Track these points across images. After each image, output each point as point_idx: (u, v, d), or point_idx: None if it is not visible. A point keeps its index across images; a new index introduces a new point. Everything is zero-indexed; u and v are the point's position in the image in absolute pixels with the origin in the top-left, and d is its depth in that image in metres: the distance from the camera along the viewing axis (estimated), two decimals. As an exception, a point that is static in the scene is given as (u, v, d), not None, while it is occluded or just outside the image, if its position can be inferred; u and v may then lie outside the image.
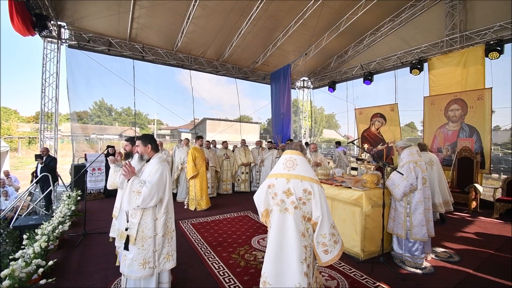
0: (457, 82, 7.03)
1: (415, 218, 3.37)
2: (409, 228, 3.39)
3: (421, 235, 3.33)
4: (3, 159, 8.15)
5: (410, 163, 3.44)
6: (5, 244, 3.31)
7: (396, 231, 3.50)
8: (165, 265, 2.41)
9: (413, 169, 3.39)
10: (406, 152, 3.56)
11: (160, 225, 2.37)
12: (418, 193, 3.39)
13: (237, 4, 7.16)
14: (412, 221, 3.38)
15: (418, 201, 3.38)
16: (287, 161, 2.12)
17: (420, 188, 3.38)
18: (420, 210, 3.36)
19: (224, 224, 5.03)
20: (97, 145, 12.73)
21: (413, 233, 3.36)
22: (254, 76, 11.33)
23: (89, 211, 4.97)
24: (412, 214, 3.39)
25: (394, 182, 3.46)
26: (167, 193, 2.44)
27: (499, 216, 5.52)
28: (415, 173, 3.38)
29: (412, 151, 3.55)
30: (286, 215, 2.00)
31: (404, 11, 8.05)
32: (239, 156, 8.04)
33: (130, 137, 3.33)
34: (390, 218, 3.59)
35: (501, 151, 12.55)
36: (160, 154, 3.11)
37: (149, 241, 2.31)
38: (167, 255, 2.43)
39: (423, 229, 3.33)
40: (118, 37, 8.03)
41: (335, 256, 1.99)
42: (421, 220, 3.35)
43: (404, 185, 3.35)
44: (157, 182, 2.29)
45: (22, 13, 5.47)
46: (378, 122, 9.13)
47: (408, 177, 3.35)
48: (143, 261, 2.29)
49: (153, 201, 2.27)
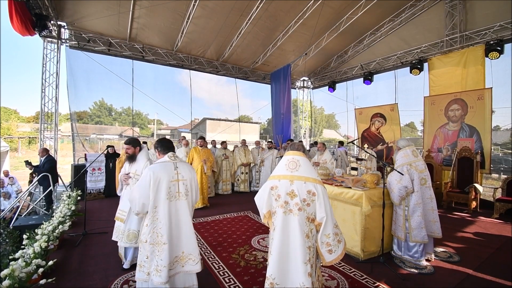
0: (457, 82, 7.03)
1: (414, 220, 3.35)
2: (408, 230, 3.38)
3: (420, 237, 3.31)
4: (3, 159, 8.15)
5: (403, 165, 3.42)
6: (5, 244, 3.31)
7: (397, 234, 3.50)
8: (154, 278, 2.16)
9: (407, 171, 3.36)
10: (400, 154, 3.54)
11: (146, 232, 2.23)
12: (415, 195, 3.35)
13: (237, 4, 7.16)
14: (410, 224, 3.36)
15: (416, 203, 3.34)
16: (290, 162, 2.11)
17: (417, 190, 3.34)
18: (418, 212, 3.33)
19: (224, 224, 5.03)
20: (97, 145, 12.74)
21: (413, 235, 3.34)
22: (254, 76, 11.33)
23: (89, 211, 4.98)
24: (410, 217, 3.37)
25: (390, 186, 3.45)
26: (152, 199, 2.20)
27: (499, 216, 5.51)
28: (410, 175, 3.35)
29: (406, 152, 3.51)
30: (290, 217, 2.00)
31: (404, 11, 8.05)
32: (239, 156, 8.03)
33: (131, 139, 3.30)
34: (393, 220, 3.59)
35: (501, 151, 12.54)
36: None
37: (142, 245, 2.28)
38: (156, 268, 2.17)
39: (422, 231, 3.31)
40: (118, 37, 8.02)
41: (339, 255, 2.01)
42: (420, 222, 3.32)
43: (398, 188, 3.33)
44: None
45: (22, 12, 5.46)
46: (378, 122, 9.13)
47: (402, 180, 3.31)
48: (140, 263, 2.29)
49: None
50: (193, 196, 2.45)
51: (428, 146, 7.43)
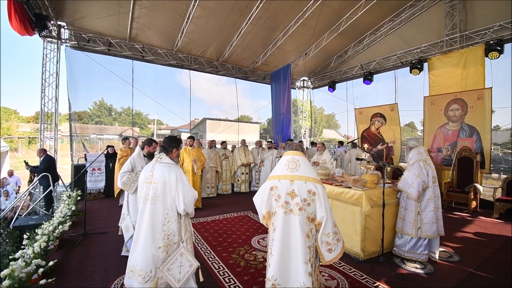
0: (457, 82, 7.02)
1: (426, 215, 3.42)
2: (419, 226, 3.42)
3: (431, 232, 3.38)
4: (3, 159, 8.15)
5: (420, 161, 3.51)
6: (5, 244, 3.30)
7: (406, 231, 3.51)
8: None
9: (423, 167, 3.46)
10: (414, 152, 3.63)
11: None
12: (429, 190, 3.45)
13: (237, 4, 7.16)
14: (422, 219, 3.42)
15: (429, 198, 3.43)
16: (290, 162, 2.11)
17: (431, 186, 3.44)
18: (430, 207, 3.41)
19: (224, 224, 5.03)
20: (97, 145, 12.73)
21: (424, 230, 3.40)
22: (254, 76, 11.33)
23: (89, 211, 4.98)
24: (422, 212, 3.44)
25: (407, 181, 3.50)
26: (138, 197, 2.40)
27: (499, 216, 5.52)
28: (426, 170, 3.44)
29: (420, 150, 3.62)
30: (291, 217, 2.00)
31: (404, 11, 8.05)
32: (239, 156, 8.03)
33: (149, 140, 3.54)
34: (400, 218, 3.62)
35: (501, 151, 12.54)
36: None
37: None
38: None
39: (433, 226, 3.38)
40: (118, 37, 8.02)
41: (338, 254, 2.02)
42: (432, 217, 3.39)
43: (417, 183, 3.40)
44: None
45: (21, 12, 5.47)
46: (378, 122, 9.13)
47: (421, 175, 3.42)
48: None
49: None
50: (166, 202, 2.23)
51: (428, 146, 7.42)
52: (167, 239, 2.20)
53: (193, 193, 2.31)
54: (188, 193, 2.26)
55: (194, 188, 4.32)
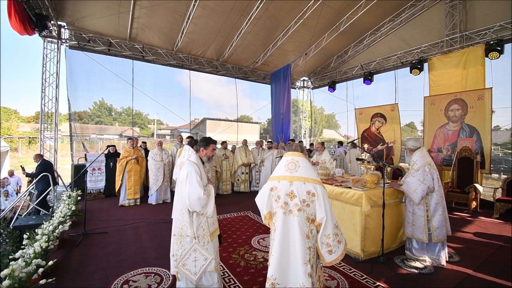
0: (457, 82, 7.02)
1: (436, 220, 3.36)
2: (430, 231, 3.37)
3: (442, 235, 3.36)
4: (3, 159, 8.15)
5: (425, 165, 3.40)
6: (5, 244, 3.30)
7: (416, 235, 3.45)
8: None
9: (429, 171, 3.37)
10: (418, 155, 3.51)
11: None
12: (436, 194, 3.37)
13: (237, 4, 7.16)
14: (433, 224, 3.36)
15: (437, 202, 3.37)
16: (289, 163, 2.11)
17: (437, 189, 3.38)
18: (439, 211, 3.37)
19: (224, 224, 5.02)
20: (97, 145, 12.74)
21: (435, 235, 3.34)
22: (254, 76, 11.32)
23: (89, 211, 4.98)
24: (432, 217, 3.37)
25: (411, 186, 3.42)
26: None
27: (499, 216, 5.51)
28: (431, 175, 3.36)
29: (423, 152, 3.52)
30: (290, 218, 2.00)
31: (404, 11, 8.05)
32: (240, 156, 8.03)
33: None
34: (408, 223, 3.54)
35: (501, 151, 12.54)
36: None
37: None
38: None
39: (443, 229, 3.36)
40: (118, 37, 8.02)
41: (339, 255, 2.00)
42: (441, 221, 3.35)
43: (422, 189, 3.34)
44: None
45: (20, 12, 5.46)
46: (378, 122, 9.13)
47: (425, 180, 3.33)
48: None
49: None
50: (182, 194, 2.39)
51: (428, 146, 7.42)
52: (180, 229, 2.41)
53: (197, 193, 2.29)
54: (192, 192, 2.29)
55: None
